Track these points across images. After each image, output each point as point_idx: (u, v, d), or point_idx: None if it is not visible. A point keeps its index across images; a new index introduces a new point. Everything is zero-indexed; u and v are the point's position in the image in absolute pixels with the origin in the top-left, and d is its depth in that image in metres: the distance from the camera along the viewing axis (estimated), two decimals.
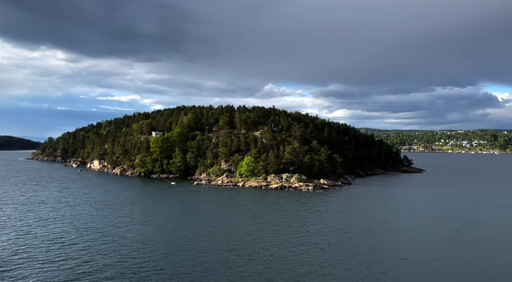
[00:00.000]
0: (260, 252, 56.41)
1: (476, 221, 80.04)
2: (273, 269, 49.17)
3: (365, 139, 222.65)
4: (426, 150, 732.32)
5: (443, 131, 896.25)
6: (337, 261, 52.27)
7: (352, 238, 64.50)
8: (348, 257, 53.82)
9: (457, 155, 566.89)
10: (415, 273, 48.07)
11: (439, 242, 62.24)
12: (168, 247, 58.41)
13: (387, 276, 47.16)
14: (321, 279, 46.04)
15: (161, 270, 48.52)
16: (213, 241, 62.05)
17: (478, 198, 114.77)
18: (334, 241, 62.61)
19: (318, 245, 59.81)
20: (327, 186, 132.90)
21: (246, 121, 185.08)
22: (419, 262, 52.25)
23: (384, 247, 58.96)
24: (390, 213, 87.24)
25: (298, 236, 65.26)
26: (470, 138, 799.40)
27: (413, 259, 53.52)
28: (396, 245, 60.68)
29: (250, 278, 46.40)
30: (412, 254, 55.84)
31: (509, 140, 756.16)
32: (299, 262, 51.92)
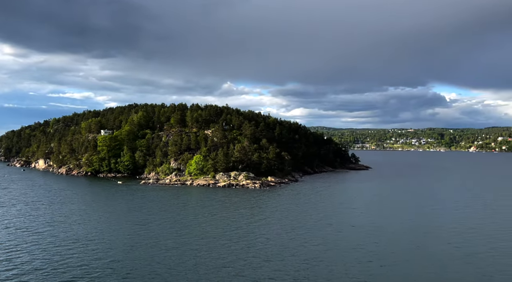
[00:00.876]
0: (188, 248, 57.69)
1: (396, 216, 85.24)
2: (204, 263, 50.63)
3: (315, 138, 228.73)
4: (378, 148, 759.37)
5: (395, 130, 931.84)
6: (264, 254, 54.50)
7: (281, 233, 67.14)
8: (274, 250, 56.23)
9: (405, 153, 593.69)
10: (335, 260, 51.06)
11: (358, 233, 66.10)
12: (98, 244, 58.37)
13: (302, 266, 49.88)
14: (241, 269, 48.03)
15: (85, 267, 48.63)
16: (145, 239, 62.60)
17: (407, 195, 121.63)
18: (264, 235, 64.94)
19: (242, 239, 61.92)
20: (273, 183, 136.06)
21: (198, 119, 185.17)
22: (342, 249, 55.47)
23: (309, 240, 61.95)
24: (326, 207, 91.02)
25: (224, 231, 67.07)
26: (419, 137, 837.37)
27: (337, 247, 56.73)
28: (323, 237, 63.83)
29: (181, 272, 47.60)
30: (336, 243, 59.09)
31: (454, 138, 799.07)
32: (223, 256, 53.70)
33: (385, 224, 74.46)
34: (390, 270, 48.60)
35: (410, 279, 45.97)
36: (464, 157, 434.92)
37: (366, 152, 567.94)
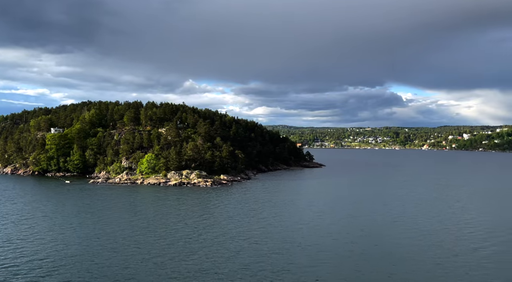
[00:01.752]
0: (126, 246, 58.01)
1: (336, 212, 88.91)
2: (138, 260, 51.18)
3: (271, 136, 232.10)
4: (336, 146, 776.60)
5: (353, 129, 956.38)
6: (200, 251, 55.73)
7: (223, 230, 68.65)
8: (212, 246, 57.60)
9: (361, 151, 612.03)
10: (278, 259, 53.04)
11: (298, 230, 68.73)
12: (29, 244, 57.56)
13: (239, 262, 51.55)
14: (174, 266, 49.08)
15: (14, 268, 48.02)
16: (79, 238, 62.26)
17: (349, 191, 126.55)
18: (199, 232, 66.20)
19: (184, 237, 62.95)
20: (225, 182, 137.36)
21: (152, 118, 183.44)
22: (280, 246, 57.60)
23: (239, 236, 63.78)
24: (271, 204, 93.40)
25: (163, 229, 67.82)
26: (376, 135, 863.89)
27: (276, 245, 58.85)
28: (266, 235, 65.85)
29: (112, 271, 47.93)
30: (279, 241, 61.23)
31: (409, 137, 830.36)
32: (163, 254, 54.52)
33: (323, 221, 77.49)
34: (337, 265, 50.98)
35: (358, 274, 48.45)
36: (414, 155, 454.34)
37: (324, 150, 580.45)
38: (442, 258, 53.11)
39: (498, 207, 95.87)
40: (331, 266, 50.01)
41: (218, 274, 46.68)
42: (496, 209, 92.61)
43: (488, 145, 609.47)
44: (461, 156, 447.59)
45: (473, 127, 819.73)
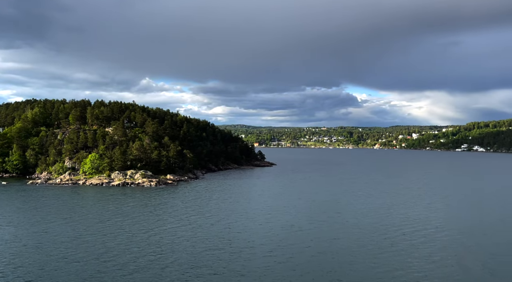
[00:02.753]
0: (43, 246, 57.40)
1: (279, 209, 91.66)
2: (58, 259, 50.84)
3: (223, 135, 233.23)
4: (292, 145, 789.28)
5: (309, 128, 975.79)
6: (123, 252, 56.11)
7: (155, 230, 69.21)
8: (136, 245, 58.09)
9: (316, 150, 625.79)
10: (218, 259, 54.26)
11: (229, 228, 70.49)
12: None
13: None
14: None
15: None
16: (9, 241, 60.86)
17: (294, 189, 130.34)
18: (122, 231, 66.49)
19: (105, 236, 63.03)
20: (171, 181, 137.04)
21: (98, 116, 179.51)
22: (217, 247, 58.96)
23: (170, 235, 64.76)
24: (214, 203, 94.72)
25: (85, 229, 67.56)
26: (331, 135, 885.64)
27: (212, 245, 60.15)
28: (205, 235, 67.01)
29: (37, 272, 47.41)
30: (214, 241, 62.55)
31: (362, 136, 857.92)
32: (86, 254, 54.47)
33: (263, 218, 79.66)
34: (281, 262, 52.72)
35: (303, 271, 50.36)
36: (363, 154, 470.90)
37: (280, 150, 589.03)
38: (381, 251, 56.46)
39: (413, 200, 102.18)
40: (254, 265, 51.92)
41: (139, 272, 47.39)
42: (408, 201, 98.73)
43: (435, 144, 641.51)
44: (405, 154, 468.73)
45: (422, 127, 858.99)
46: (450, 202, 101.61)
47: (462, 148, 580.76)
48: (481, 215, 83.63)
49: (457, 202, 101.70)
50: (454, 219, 79.52)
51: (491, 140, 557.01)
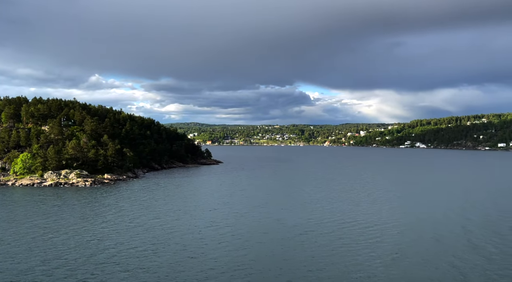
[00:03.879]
0: None
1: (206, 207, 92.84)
2: None
3: (168, 134, 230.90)
4: (245, 143, 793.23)
5: (262, 126, 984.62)
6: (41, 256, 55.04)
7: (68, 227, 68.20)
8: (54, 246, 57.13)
9: (268, 147, 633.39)
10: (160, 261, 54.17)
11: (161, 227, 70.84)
12: None
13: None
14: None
15: None
16: None
17: (232, 186, 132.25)
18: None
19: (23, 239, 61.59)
20: (108, 181, 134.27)
21: (34, 114, 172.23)
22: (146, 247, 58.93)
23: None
24: (141, 201, 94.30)
25: None
26: (283, 133, 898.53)
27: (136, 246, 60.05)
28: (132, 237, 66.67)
29: None
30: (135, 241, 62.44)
31: (313, 134, 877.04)
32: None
33: (190, 217, 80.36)
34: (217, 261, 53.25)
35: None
36: (311, 150, 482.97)
37: (231, 147, 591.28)
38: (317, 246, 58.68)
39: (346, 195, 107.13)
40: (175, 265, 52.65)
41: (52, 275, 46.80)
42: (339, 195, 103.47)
43: (381, 141, 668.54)
44: (351, 150, 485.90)
45: (370, 125, 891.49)
46: (370, 196, 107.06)
47: (405, 145, 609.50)
48: (413, 207, 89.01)
49: (374, 196, 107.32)
50: (385, 214, 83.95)
51: (432, 137, 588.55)
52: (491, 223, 72.14)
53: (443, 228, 68.02)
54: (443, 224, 71.07)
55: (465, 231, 66.04)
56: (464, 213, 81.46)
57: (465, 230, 67.10)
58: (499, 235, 63.68)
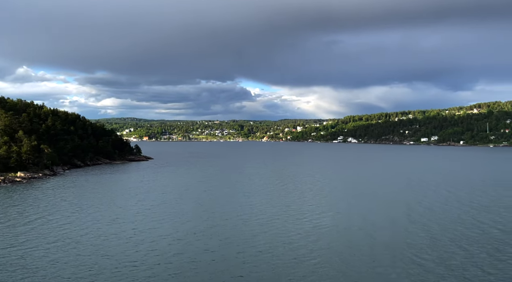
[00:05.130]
0: None
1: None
2: None
3: (94, 129, 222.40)
4: (184, 139, 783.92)
5: (202, 122, 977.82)
6: None
7: None
8: None
9: (206, 143, 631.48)
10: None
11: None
12: None
13: None
14: None
15: None
16: None
17: (155, 184, 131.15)
18: None
19: None
20: (20, 179, 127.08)
21: None
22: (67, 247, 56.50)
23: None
24: (46, 202, 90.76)
25: None
26: (223, 128, 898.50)
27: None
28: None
29: None
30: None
31: (252, 129, 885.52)
32: None
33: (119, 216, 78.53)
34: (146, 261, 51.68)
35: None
36: (248, 146, 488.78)
37: (168, 143, 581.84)
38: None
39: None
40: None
41: None
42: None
43: (316, 136, 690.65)
44: (286, 145, 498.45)
45: (307, 121, 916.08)
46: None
47: (338, 140, 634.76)
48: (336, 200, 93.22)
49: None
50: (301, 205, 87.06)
51: (363, 132, 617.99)
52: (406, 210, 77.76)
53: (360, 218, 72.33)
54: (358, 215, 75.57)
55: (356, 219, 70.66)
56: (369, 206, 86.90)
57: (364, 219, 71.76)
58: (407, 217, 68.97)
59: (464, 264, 45.48)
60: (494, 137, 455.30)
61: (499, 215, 71.44)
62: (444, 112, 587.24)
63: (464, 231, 60.10)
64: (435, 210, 77.55)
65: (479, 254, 49.01)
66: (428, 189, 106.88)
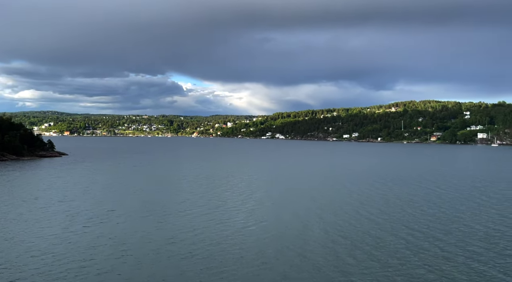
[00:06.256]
0: None
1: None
2: None
3: (0, 123, 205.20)
4: (109, 134, 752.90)
5: (129, 116, 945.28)
6: None
7: None
8: None
9: (132, 138, 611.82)
10: None
11: None
12: None
13: None
14: None
15: None
16: None
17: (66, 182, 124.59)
18: None
19: None
20: None
21: None
22: None
23: None
24: None
25: None
26: (152, 123, 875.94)
27: None
28: None
29: None
30: None
31: (182, 125, 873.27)
32: None
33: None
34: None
35: None
36: (176, 141, 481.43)
37: (90, 138, 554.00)
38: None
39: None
40: None
41: None
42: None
43: (245, 132, 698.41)
44: (214, 141, 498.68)
45: (238, 117, 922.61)
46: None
47: (267, 136, 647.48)
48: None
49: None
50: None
51: (290, 129, 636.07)
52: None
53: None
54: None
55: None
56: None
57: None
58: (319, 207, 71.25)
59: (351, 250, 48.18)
60: (407, 135, 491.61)
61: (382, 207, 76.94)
62: (365, 110, 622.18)
63: (342, 221, 63.81)
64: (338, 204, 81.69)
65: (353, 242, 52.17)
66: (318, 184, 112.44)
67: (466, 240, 51.09)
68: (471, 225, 59.35)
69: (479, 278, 38.27)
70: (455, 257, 44.12)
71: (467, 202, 78.53)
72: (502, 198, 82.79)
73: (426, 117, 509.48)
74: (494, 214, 67.34)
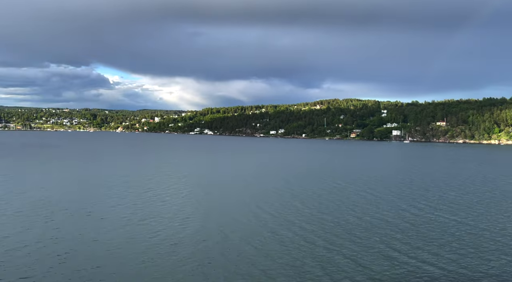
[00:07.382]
0: None
1: None
2: None
3: None
4: (24, 128, 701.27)
5: (48, 109, 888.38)
6: None
7: None
8: None
9: (50, 133, 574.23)
10: None
11: None
12: None
13: None
14: None
15: None
16: None
17: None
18: None
19: None
20: None
21: None
22: None
23: None
24: None
25: None
26: (73, 117, 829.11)
27: None
28: None
29: None
30: None
31: (106, 119, 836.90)
32: None
33: None
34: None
35: None
36: (96, 136, 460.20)
37: (4, 133, 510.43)
38: None
39: None
40: None
41: None
42: None
43: (174, 127, 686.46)
44: (140, 136, 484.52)
45: (167, 112, 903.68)
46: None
47: (195, 131, 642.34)
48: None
49: None
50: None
51: (219, 124, 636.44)
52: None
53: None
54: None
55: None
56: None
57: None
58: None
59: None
60: (329, 131, 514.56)
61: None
62: (292, 108, 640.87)
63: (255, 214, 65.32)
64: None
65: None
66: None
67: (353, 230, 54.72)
68: (358, 215, 63.63)
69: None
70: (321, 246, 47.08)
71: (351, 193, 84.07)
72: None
73: (347, 115, 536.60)
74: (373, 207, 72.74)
